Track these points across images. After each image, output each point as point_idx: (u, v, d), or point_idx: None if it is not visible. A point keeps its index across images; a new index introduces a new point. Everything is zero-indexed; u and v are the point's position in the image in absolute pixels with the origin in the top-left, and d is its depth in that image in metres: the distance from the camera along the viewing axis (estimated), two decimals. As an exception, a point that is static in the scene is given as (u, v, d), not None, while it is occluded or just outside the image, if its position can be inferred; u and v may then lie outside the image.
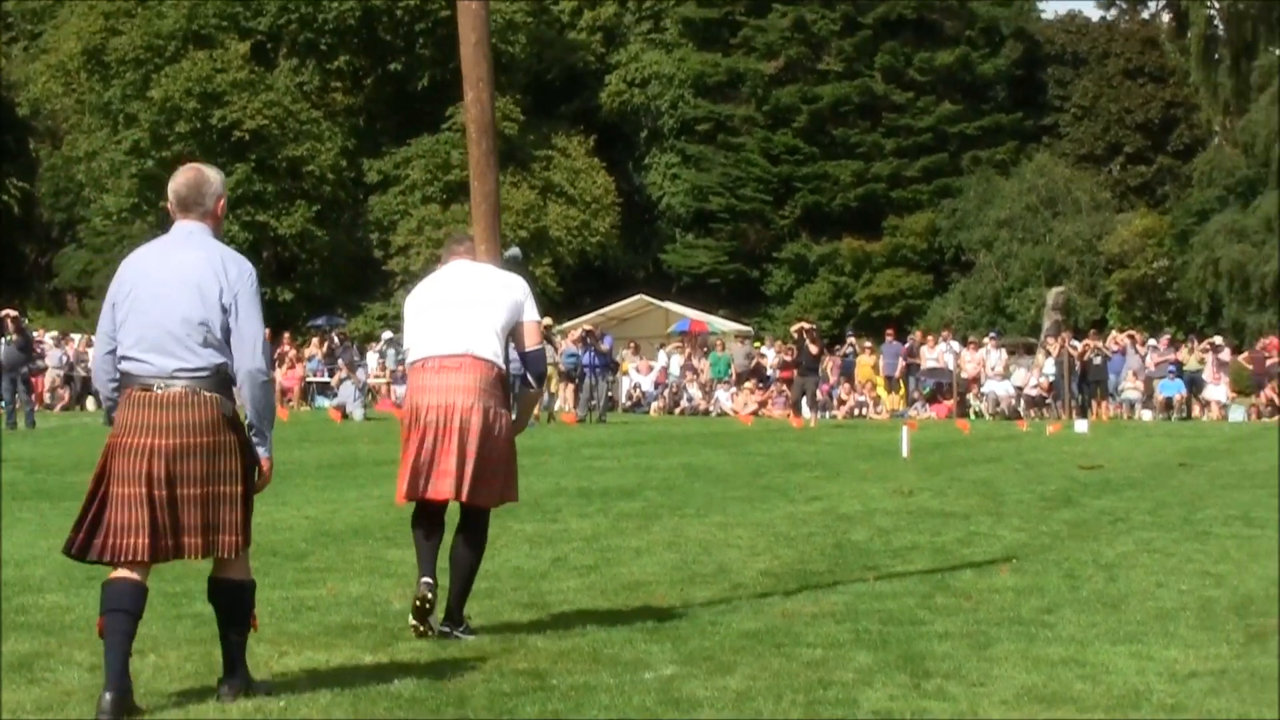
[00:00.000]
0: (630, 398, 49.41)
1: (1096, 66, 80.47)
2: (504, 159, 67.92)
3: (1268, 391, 45.11)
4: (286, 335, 51.60)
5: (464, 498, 9.27)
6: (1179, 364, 46.33)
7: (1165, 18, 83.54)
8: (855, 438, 33.07)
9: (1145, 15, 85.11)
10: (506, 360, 9.56)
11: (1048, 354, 47.73)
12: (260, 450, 7.57)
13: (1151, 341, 49.03)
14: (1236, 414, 44.58)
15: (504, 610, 10.24)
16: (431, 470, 9.22)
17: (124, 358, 7.40)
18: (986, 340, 50.14)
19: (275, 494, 17.44)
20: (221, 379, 7.40)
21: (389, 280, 67.43)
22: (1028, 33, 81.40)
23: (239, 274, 7.46)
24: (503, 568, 12.07)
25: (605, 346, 44.02)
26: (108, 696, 7.12)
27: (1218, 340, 49.25)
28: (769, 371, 49.36)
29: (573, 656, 8.71)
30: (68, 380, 47.43)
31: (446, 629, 9.34)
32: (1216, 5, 73.81)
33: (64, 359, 47.77)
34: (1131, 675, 8.25)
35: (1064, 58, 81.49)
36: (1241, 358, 50.12)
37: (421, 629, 9.21)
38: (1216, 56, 73.73)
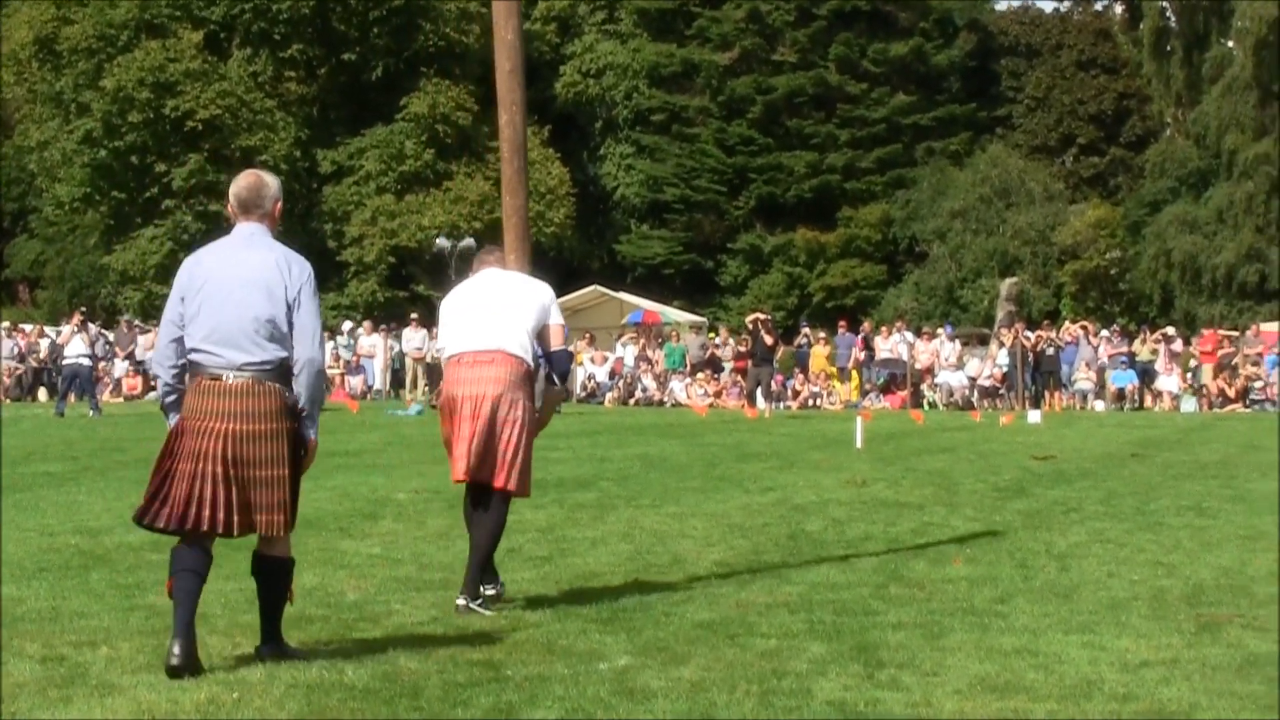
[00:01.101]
0: (585, 388, 49.41)
1: (1050, 58, 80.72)
2: (458, 150, 67.95)
3: (1218, 381, 45.35)
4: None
5: (488, 480, 10.04)
6: (1131, 355, 46.56)
7: (1118, 10, 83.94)
8: (809, 428, 33.12)
9: (1098, 7, 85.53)
10: (535, 358, 10.33)
11: (1001, 345, 47.89)
12: (309, 433, 8.33)
13: (1104, 332, 49.21)
14: (1188, 404, 44.82)
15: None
16: (469, 452, 10.01)
17: (195, 349, 8.09)
18: (940, 331, 50.27)
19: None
20: (283, 371, 8.12)
21: (343, 271, 67.21)
22: (981, 24, 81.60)
23: (300, 272, 8.18)
24: (456, 559, 12.05)
25: (560, 337, 43.97)
26: (176, 646, 7.79)
27: (1170, 331, 49.50)
28: (724, 362, 49.42)
29: (527, 647, 8.71)
30: (19, 370, 47.18)
31: (462, 602, 9.91)
32: (1169, -3, 74.12)
33: (15, 350, 47.50)
34: (1084, 665, 8.29)
35: (1017, 49, 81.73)
36: (1193, 347, 50.37)
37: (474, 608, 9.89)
38: (1169, 48, 74.03)
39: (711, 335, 54.19)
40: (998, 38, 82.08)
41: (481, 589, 10.07)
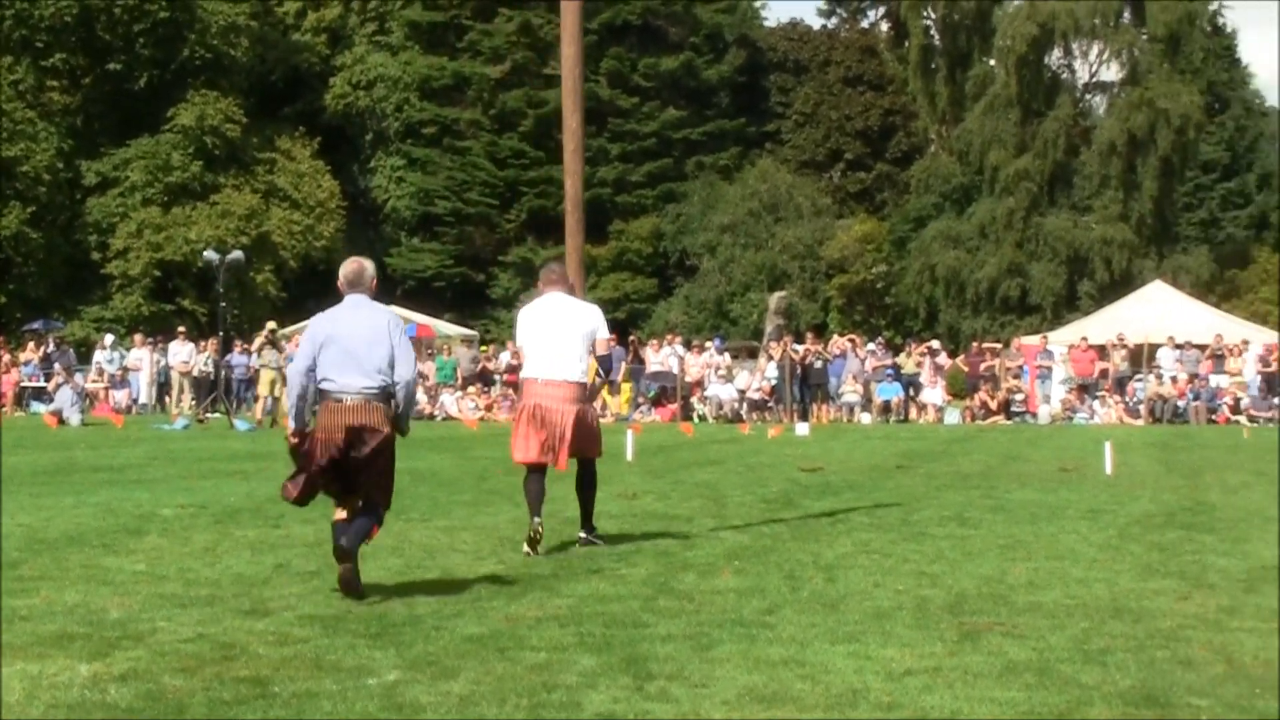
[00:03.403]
0: (355, 402, 48.97)
1: (818, 74, 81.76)
2: (226, 162, 67.13)
3: (981, 394, 46.17)
4: (0, 339, 50.30)
5: (582, 454, 13.98)
6: (896, 367, 47.22)
7: (884, 27, 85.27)
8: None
9: (865, 24, 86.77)
10: (595, 366, 14.36)
11: (770, 358, 48.29)
12: (404, 426, 11.53)
13: (870, 345, 49.84)
14: (952, 416, 45.55)
15: (224, 617, 10.09)
16: (547, 446, 13.69)
17: (325, 379, 11.19)
18: (710, 344, 50.59)
19: (-12, 502, 17.05)
20: (385, 394, 11.22)
21: (107, 284, 66.10)
22: (751, 40, 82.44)
23: (397, 324, 11.45)
24: (224, 574, 11.92)
25: (329, 350, 43.60)
26: (342, 541, 10.97)
27: (934, 344, 50.28)
28: (495, 375, 49.33)
29: (295, 663, 8.62)
30: None
31: (584, 535, 14.03)
32: (933, 15, 75.46)
33: None
34: (849, 674, 8.38)
35: (786, 65, 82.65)
36: (958, 360, 51.25)
37: (531, 553, 13.26)
38: (933, 66, 75.48)
39: (483, 349, 54.07)
40: (767, 54, 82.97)
41: (595, 534, 14.05)
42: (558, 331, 13.96)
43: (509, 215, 76.70)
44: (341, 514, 11.25)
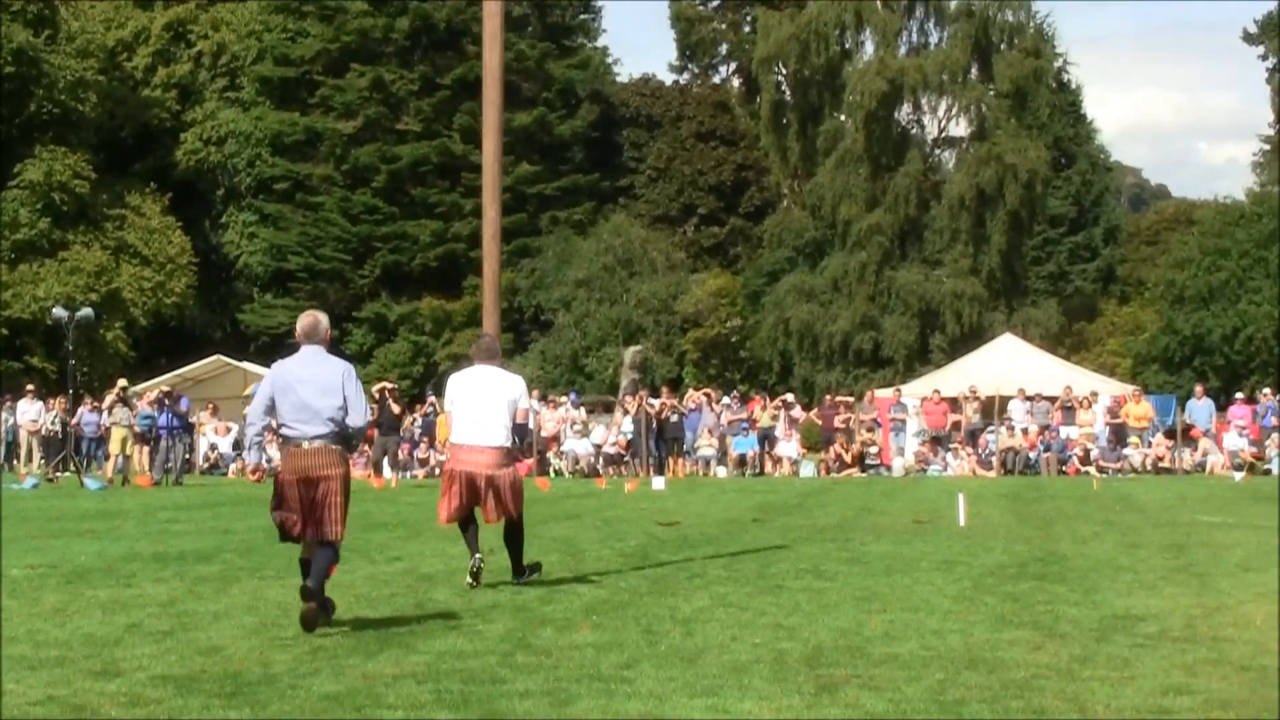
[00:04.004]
0: (207, 459, 48.61)
1: (670, 129, 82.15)
2: (74, 219, 66.38)
3: (836, 447, 46.44)
4: None
5: (506, 516, 15.34)
6: (751, 421, 47.41)
7: (736, 82, 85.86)
8: (436, 497, 32.93)
9: (717, 80, 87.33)
10: (512, 434, 15.40)
11: (625, 412, 48.37)
12: (357, 457, 12.99)
13: (725, 399, 50.03)
14: (807, 469, 45.79)
15: (75, 679, 9.92)
16: (474, 505, 15.35)
17: (285, 426, 12.51)
18: (566, 399, 50.58)
19: None
20: (341, 437, 12.47)
21: (-48, 342, 65.16)
22: (603, 95, 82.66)
23: (351, 375, 12.63)
24: (74, 635, 11.74)
25: (182, 408, 43.18)
26: (308, 583, 12.04)
27: (789, 397, 50.53)
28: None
29: (148, 725, 8.50)
30: None
31: (518, 581, 15.34)
32: (784, 71, 76.08)
33: None
34: (708, 727, 8.37)
35: (639, 120, 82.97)
36: (812, 414, 51.54)
37: (475, 585, 14.95)
38: (785, 121, 75.94)
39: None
40: (620, 109, 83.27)
41: (527, 575, 15.43)
42: (482, 400, 15.23)
43: (362, 271, 76.43)
44: (308, 555, 12.41)
